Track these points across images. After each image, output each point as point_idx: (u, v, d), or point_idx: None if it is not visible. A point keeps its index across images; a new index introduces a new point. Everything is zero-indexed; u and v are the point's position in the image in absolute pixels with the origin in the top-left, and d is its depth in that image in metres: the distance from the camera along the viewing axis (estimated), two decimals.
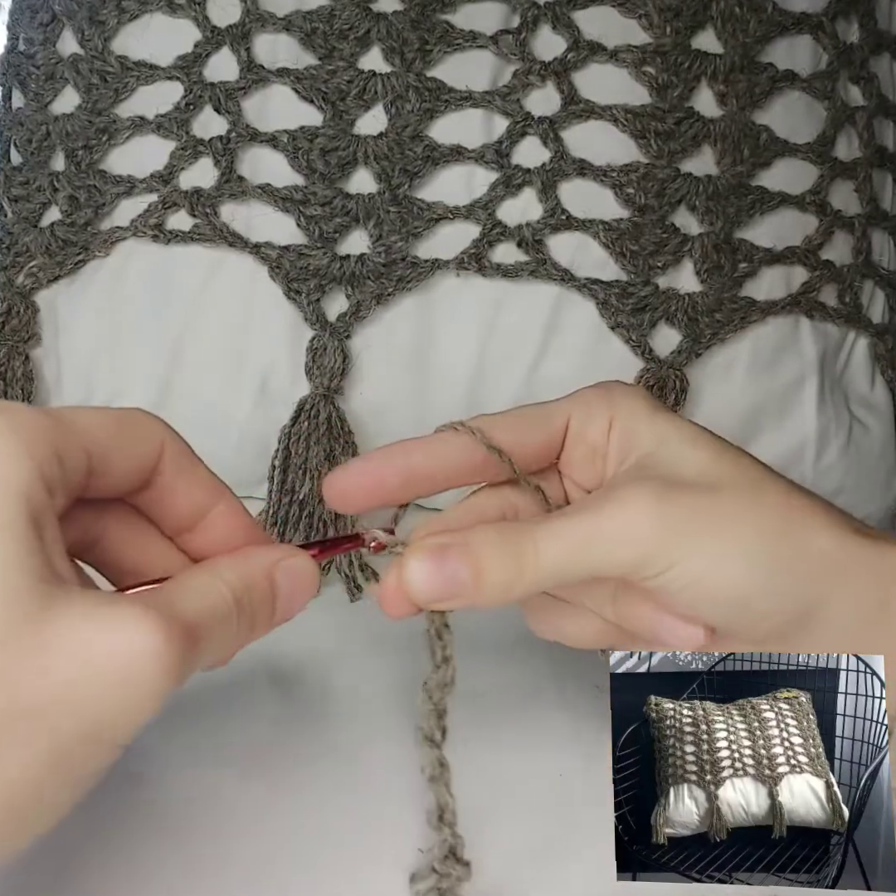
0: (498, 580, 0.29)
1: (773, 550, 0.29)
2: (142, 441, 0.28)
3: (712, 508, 0.30)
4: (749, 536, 0.29)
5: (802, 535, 0.30)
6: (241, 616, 0.26)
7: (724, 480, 0.31)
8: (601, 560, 0.29)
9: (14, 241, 0.52)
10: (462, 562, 0.29)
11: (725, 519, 0.29)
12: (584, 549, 0.29)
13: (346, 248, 0.50)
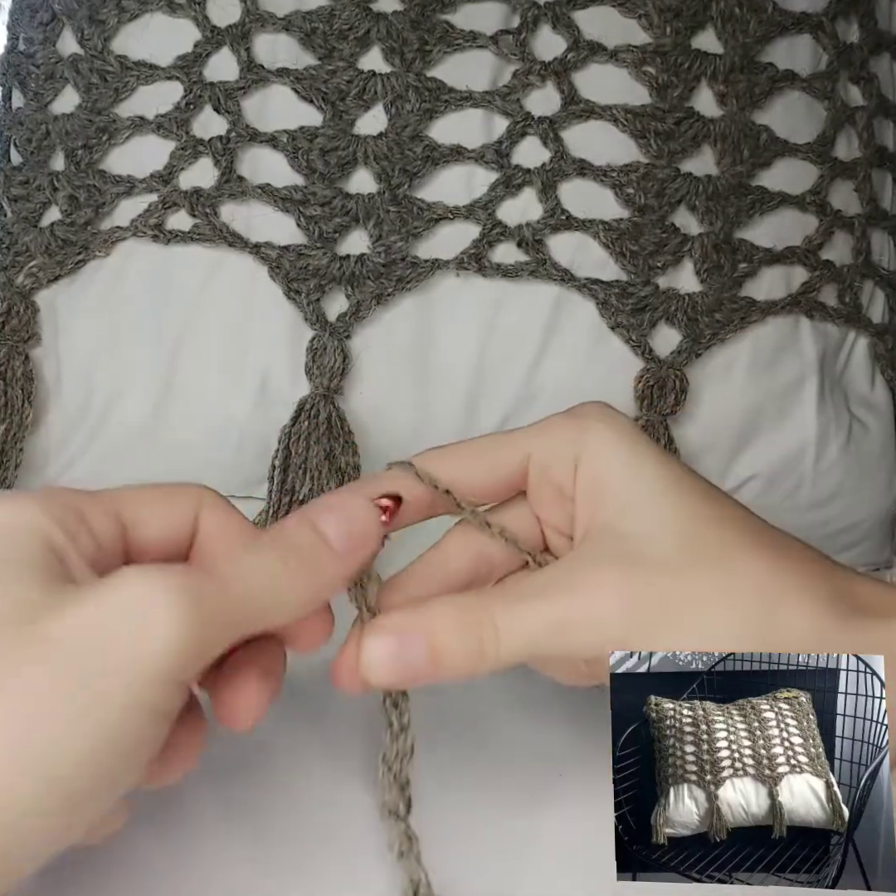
0: (457, 664, 0.28)
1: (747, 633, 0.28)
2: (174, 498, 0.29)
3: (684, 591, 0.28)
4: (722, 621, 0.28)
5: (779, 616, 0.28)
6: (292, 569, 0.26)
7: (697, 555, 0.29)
8: (567, 647, 0.28)
9: (14, 240, 0.52)
10: (419, 645, 0.28)
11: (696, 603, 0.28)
12: (550, 636, 0.28)
13: (346, 248, 0.50)
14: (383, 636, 0.28)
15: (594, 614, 0.28)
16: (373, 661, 0.28)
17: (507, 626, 0.28)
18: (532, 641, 0.28)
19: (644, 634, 0.28)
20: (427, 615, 0.29)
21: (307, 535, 0.27)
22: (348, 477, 0.49)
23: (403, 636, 0.28)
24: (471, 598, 0.29)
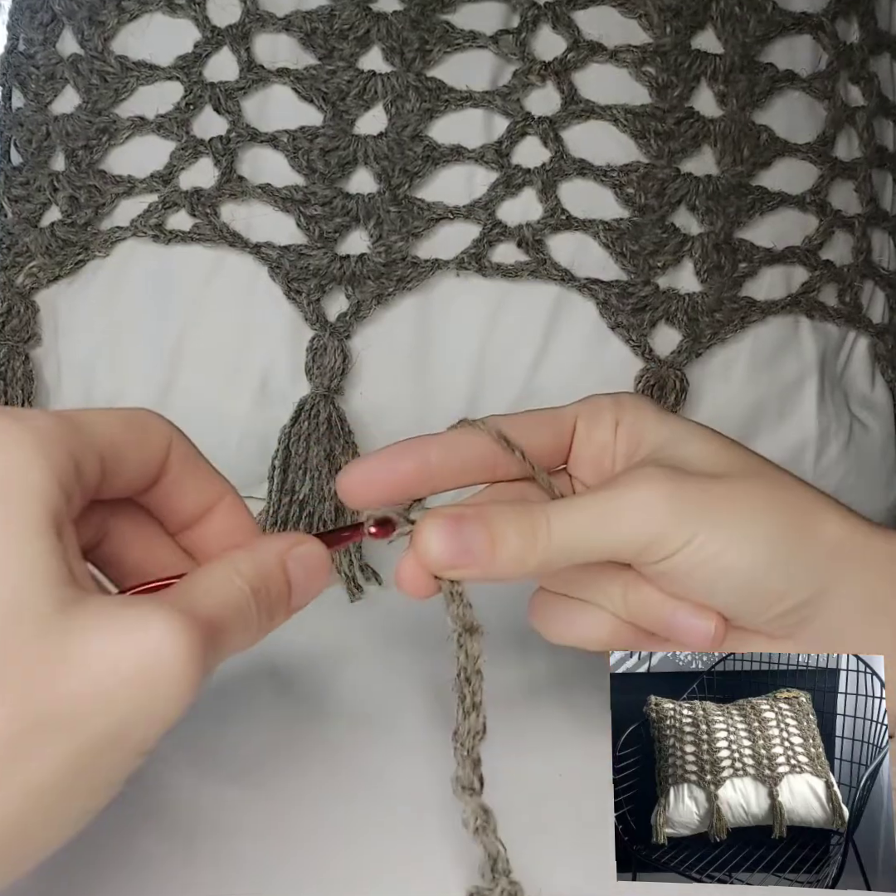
0: (512, 549, 0.29)
1: (786, 531, 0.30)
2: (150, 441, 0.28)
3: (725, 491, 0.30)
4: (762, 517, 0.30)
5: (813, 521, 0.30)
6: (259, 607, 0.26)
7: (735, 471, 0.31)
8: (614, 538, 0.30)
9: (14, 241, 0.52)
10: (478, 529, 0.29)
11: (738, 500, 0.30)
12: (598, 526, 0.30)
13: (346, 248, 0.50)
14: (444, 519, 0.29)
15: (640, 505, 0.29)
16: (432, 541, 0.29)
17: (558, 518, 0.29)
18: (582, 531, 0.30)
19: (686, 526, 0.29)
20: (483, 507, 0.30)
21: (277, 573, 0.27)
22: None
23: (463, 520, 0.29)
24: (523, 503, 0.31)
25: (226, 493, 0.30)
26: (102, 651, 0.21)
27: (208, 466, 0.30)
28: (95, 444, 0.25)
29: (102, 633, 0.21)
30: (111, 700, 0.21)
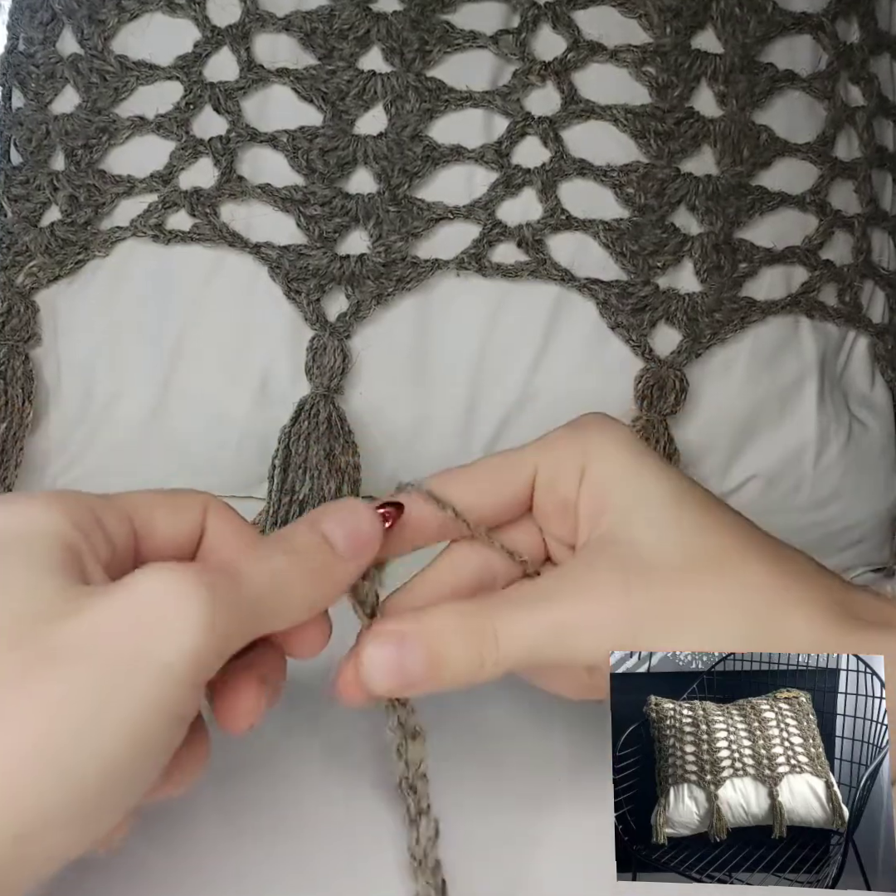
0: (456, 671, 0.28)
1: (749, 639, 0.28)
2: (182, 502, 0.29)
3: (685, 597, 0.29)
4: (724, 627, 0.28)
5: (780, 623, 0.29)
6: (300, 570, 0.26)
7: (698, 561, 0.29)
8: (566, 652, 0.29)
9: (14, 240, 0.52)
10: (419, 652, 0.28)
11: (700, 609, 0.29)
12: (550, 641, 0.28)
13: (345, 248, 0.50)
14: (382, 643, 0.29)
15: (594, 619, 0.28)
16: (372, 667, 0.28)
17: (506, 632, 0.28)
18: (531, 647, 0.28)
19: (644, 640, 0.28)
20: (426, 621, 0.29)
21: (314, 539, 0.28)
22: (348, 477, 0.49)
23: (402, 643, 0.28)
24: (471, 605, 0.30)
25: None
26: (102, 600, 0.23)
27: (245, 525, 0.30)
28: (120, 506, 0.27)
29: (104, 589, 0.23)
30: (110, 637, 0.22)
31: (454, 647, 0.28)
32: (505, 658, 0.28)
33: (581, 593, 0.29)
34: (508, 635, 0.28)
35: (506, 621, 0.29)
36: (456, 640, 0.28)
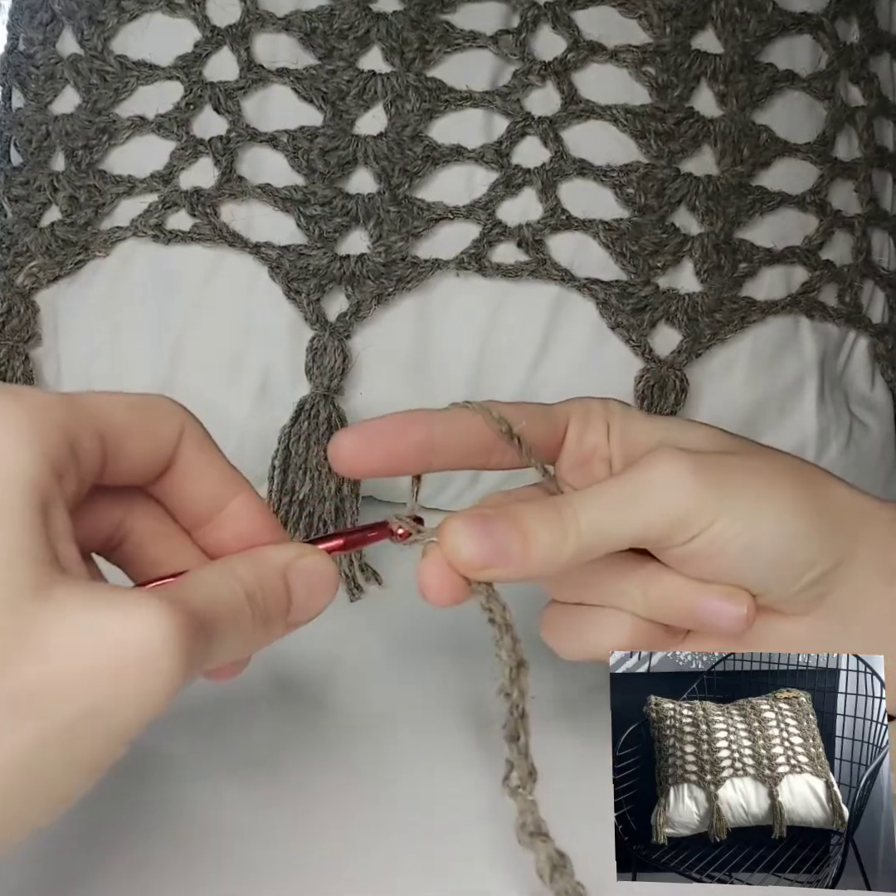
0: (545, 544, 0.28)
1: (807, 499, 0.30)
2: (159, 424, 0.27)
3: (741, 465, 0.30)
4: (783, 488, 0.30)
5: (826, 489, 0.31)
6: (254, 613, 0.25)
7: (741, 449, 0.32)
8: (643, 519, 0.29)
9: (14, 241, 0.52)
10: (507, 526, 0.28)
11: (756, 473, 0.30)
12: (624, 508, 0.29)
13: (346, 248, 0.50)
14: (471, 518, 0.28)
15: (665, 479, 0.29)
16: (463, 542, 0.28)
17: (583, 506, 0.29)
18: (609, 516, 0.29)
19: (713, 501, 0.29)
20: (509, 507, 0.29)
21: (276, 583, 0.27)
22: (348, 477, 0.49)
23: (491, 519, 0.28)
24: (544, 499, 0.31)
25: (241, 487, 0.30)
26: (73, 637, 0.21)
27: (222, 458, 0.29)
28: (95, 423, 0.25)
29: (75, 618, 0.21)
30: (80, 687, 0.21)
31: (539, 522, 0.29)
32: (586, 531, 0.29)
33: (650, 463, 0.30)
34: (587, 509, 0.29)
35: (582, 498, 0.29)
36: (539, 516, 0.29)
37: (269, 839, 0.32)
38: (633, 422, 0.34)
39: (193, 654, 0.22)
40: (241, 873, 0.31)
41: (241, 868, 0.31)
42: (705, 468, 0.29)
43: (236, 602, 0.25)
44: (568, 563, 0.29)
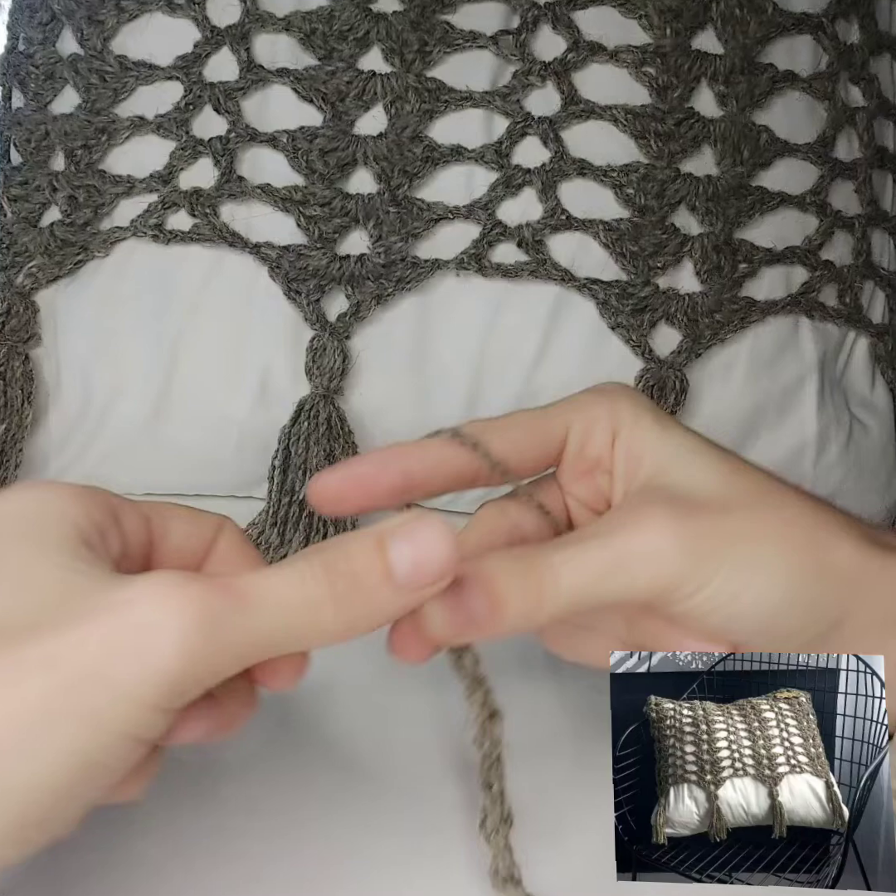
0: (517, 612, 0.27)
1: (802, 567, 0.29)
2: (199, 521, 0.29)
3: (735, 527, 0.29)
4: (777, 555, 0.29)
5: (825, 550, 0.29)
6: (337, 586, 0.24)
7: (740, 497, 0.30)
8: (625, 587, 0.28)
9: (13, 241, 0.52)
10: (479, 594, 0.27)
11: (750, 537, 0.29)
12: (607, 577, 0.28)
13: (345, 248, 0.50)
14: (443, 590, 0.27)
15: (651, 547, 0.28)
16: (434, 613, 0.27)
17: (563, 567, 0.28)
18: (591, 583, 0.28)
19: (701, 570, 0.28)
20: (482, 565, 0.28)
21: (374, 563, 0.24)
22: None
23: (460, 584, 0.27)
24: (522, 549, 0.29)
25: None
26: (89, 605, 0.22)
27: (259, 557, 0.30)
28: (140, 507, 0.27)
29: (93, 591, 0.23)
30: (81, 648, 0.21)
31: (513, 586, 0.27)
32: (564, 597, 0.27)
33: (636, 525, 0.28)
34: (567, 573, 0.27)
35: (562, 557, 0.28)
36: (513, 578, 0.27)
37: (267, 839, 0.32)
38: (642, 433, 0.32)
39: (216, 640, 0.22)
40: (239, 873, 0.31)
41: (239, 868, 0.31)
42: (695, 534, 0.28)
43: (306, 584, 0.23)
44: (542, 626, 0.29)
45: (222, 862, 0.31)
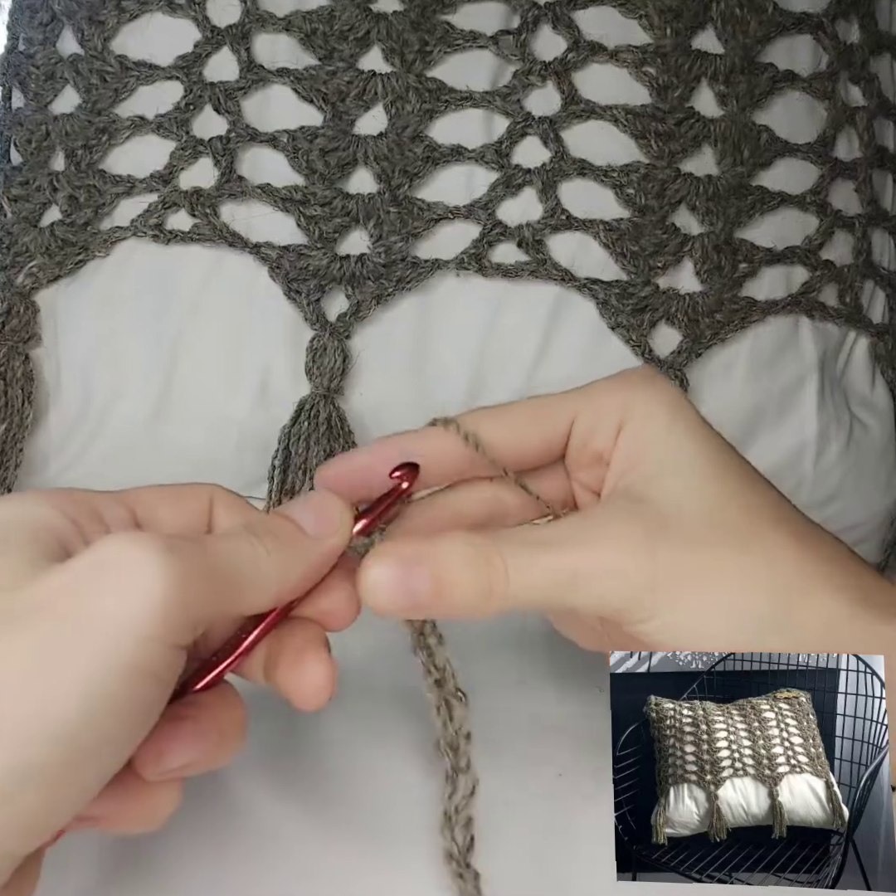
0: (462, 601, 0.27)
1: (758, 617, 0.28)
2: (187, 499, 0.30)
3: (701, 563, 0.28)
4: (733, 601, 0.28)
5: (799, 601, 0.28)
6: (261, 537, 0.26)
7: (719, 532, 0.29)
8: (578, 601, 0.28)
9: (14, 241, 0.52)
10: (422, 578, 0.27)
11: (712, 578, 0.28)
12: (561, 587, 0.28)
13: (346, 248, 0.50)
14: (387, 563, 0.27)
15: (609, 567, 0.27)
16: (375, 586, 0.27)
17: (518, 569, 0.27)
18: (542, 589, 0.28)
19: (660, 598, 0.27)
20: (434, 547, 0.28)
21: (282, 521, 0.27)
22: None
23: (408, 565, 0.27)
24: (481, 537, 0.28)
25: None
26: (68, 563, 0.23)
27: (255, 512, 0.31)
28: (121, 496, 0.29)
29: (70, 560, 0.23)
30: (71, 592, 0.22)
31: (462, 574, 0.27)
32: (515, 595, 0.27)
33: (600, 540, 0.28)
34: (520, 572, 0.27)
35: (519, 558, 0.28)
36: (464, 568, 0.27)
37: (267, 839, 0.32)
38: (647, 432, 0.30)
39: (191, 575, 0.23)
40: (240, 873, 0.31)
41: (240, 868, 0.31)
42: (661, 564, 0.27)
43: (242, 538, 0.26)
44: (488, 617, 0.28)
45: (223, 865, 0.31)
